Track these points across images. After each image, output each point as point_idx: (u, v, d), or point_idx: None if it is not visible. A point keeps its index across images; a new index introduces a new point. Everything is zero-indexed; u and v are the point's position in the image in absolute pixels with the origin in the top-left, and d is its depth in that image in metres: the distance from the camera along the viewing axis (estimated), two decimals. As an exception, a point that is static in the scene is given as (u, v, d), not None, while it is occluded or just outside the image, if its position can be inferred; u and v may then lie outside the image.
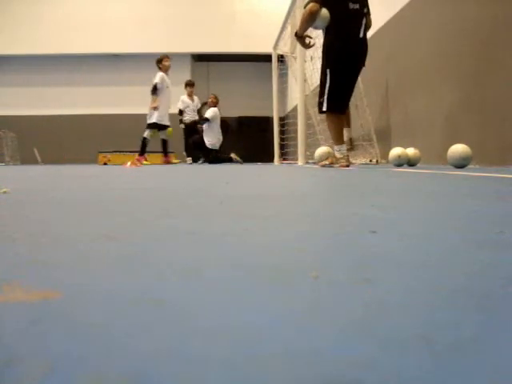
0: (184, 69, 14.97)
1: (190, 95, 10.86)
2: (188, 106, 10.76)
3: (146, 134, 9.48)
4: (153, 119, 9.41)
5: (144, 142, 9.44)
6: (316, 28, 5.16)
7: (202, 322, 0.32)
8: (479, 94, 4.68)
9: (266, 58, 12.15)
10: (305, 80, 7.91)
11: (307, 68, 8.08)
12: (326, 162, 5.38)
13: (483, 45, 4.57)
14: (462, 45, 4.99)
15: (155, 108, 9.33)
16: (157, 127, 9.46)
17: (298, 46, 7.89)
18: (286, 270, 0.47)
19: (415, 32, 6.19)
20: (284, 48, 10.48)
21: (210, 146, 10.38)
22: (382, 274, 0.45)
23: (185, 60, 14.99)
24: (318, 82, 5.44)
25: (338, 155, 5.20)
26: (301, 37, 5.18)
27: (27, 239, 0.69)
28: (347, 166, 5.08)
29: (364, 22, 5.07)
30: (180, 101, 10.75)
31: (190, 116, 10.76)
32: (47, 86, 15.00)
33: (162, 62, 9.79)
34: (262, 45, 12.85)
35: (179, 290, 0.40)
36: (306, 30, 5.11)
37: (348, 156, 5.21)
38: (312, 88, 8.49)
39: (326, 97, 5.10)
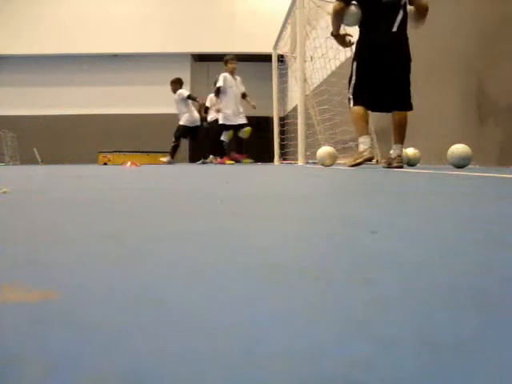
0: (184, 69, 14.98)
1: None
2: (215, 105, 10.55)
3: (224, 137, 9.62)
4: (220, 121, 9.49)
5: (222, 144, 9.55)
6: (348, 25, 5.05)
7: (202, 322, 0.32)
8: (479, 93, 4.68)
9: (266, 57, 12.15)
10: (305, 80, 7.91)
11: (307, 68, 8.09)
12: (352, 160, 5.16)
13: (483, 44, 4.57)
14: (462, 45, 4.98)
15: (218, 110, 9.39)
16: (226, 128, 9.52)
17: (298, 46, 7.89)
18: (286, 270, 0.47)
19: (415, 32, 6.19)
20: (284, 48, 10.49)
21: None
22: (382, 274, 0.45)
23: (185, 60, 15.00)
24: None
25: (361, 148, 4.94)
26: (336, 36, 5.09)
27: (27, 239, 0.69)
28: (370, 159, 4.89)
29: (401, 14, 4.83)
30: (208, 99, 10.63)
31: (213, 115, 10.60)
32: (47, 86, 15.00)
33: (227, 63, 9.84)
34: (262, 45, 12.86)
35: (179, 290, 0.40)
36: (337, 28, 5.00)
37: (371, 148, 4.95)
38: (312, 88, 8.50)
39: (351, 90, 4.96)
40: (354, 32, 5.29)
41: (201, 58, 15.32)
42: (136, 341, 0.29)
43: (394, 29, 4.86)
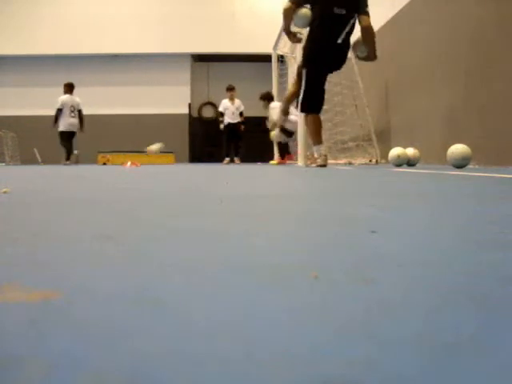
0: (184, 69, 14.97)
1: (232, 99, 11.37)
2: (227, 109, 11.28)
3: (282, 139, 10.00)
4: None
5: (280, 145, 9.85)
6: (297, 26, 5.17)
7: (201, 322, 0.32)
8: (479, 93, 4.68)
9: (266, 58, 12.14)
10: (305, 80, 7.90)
11: (307, 68, 8.07)
12: (308, 163, 5.49)
13: (483, 45, 4.57)
14: (462, 45, 4.99)
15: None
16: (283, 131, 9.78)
17: (298, 47, 7.89)
18: (286, 270, 0.47)
19: (415, 32, 6.20)
20: (284, 48, 10.48)
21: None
22: (382, 274, 0.45)
23: (185, 60, 14.98)
24: None
25: (315, 155, 5.24)
26: (288, 32, 5.24)
27: (27, 239, 0.69)
28: (324, 165, 5.06)
29: (348, 27, 4.98)
30: (221, 104, 11.40)
31: (228, 118, 11.28)
32: (47, 86, 14.98)
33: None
34: (262, 45, 12.84)
35: (179, 290, 0.40)
36: (287, 26, 5.14)
37: (326, 156, 5.19)
38: (312, 88, 8.48)
39: (301, 97, 5.14)
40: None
41: (201, 58, 15.30)
42: (136, 341, 0.29)
43: (340, 40, 5.00)
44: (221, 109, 11.52)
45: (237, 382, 0.23)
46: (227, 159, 11.55)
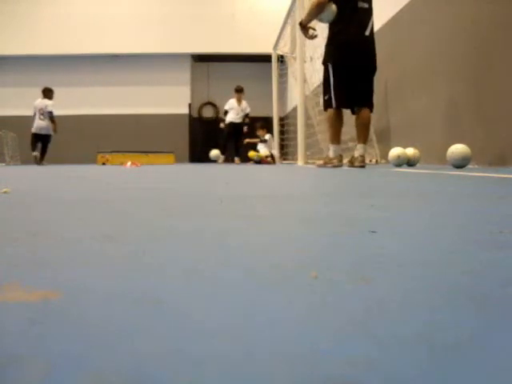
0: (184, 69, 14.97)
1: (239, 100, 11.34)
2: (233, 108, 11.30)
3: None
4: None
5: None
6: (321, 21, 5.10)
7: (201, 322, 0.32)
8: (479, 94, 4.68)
9: (266, 58, 12.14)
10: (305, 80, 7.91)
11: (307, 68, 8.08)
12: (321, 162, 5.39)
13: (483, 45, 4.57)
14: (462, 45, 4.99)
15: None
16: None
17: (298, 47, 7.89)
18: (285, 270, 0.47)
19: (415, 32, 6.20)
20: (284, 48, 10.49)
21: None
22: (382, 274, 0.45)
23: (185, 60, 14.98)
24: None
25: (330, 154, 5.16)
26: (304, 26, 5.15)
27: (27, 239, 0.69)
28: (340, 166, 5.02)
29: (371, 20, 5.02)
30: (228, 103, 11.45)
31: (231, 117, 11.25)
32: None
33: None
34: (262, 45, 12.84)
35: (179, 290, 0.40)
36: (311, 20, 5.07)
37: (341, 156, 5.14)
38: (312, 88, 8.49)
39: (332, 93, 5.03)
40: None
41: (201, 58, 15.30)
42: (136, 341, 0.29)
43: (367, 33, 5.02)
44: (226, 107, 11.50)
45: (237, 382, 0.23)
46: (222, 157, 11.59)
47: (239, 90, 11.45)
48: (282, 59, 11.05)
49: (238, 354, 0.27)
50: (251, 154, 10.64)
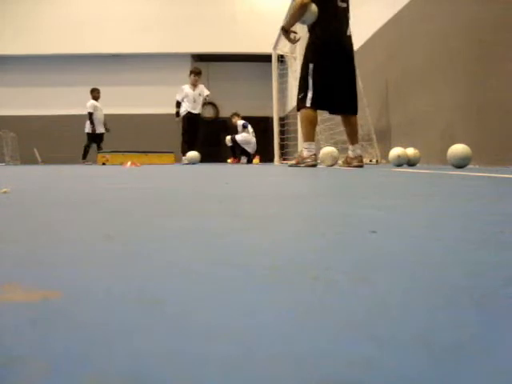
0: (184, 69, 14.97)
1: (194, 84, 10.05)
2: (187, 96, 9.97)
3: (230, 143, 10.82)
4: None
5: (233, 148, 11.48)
6: (304, 23, 5.07)
7: (201, 322, 0.32)
8: (479, 94, 4.68)
9: (266, 58, 12.15)
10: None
11: (307, 68, 8.06)
12: (293, 162, 5.37)
13: (483, 45, 4.57)
14: (462, 45, 4.98)
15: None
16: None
17: (298, 47, 7.89)
18: (285, 270, 0.47)
19: (415, 32, 6.20)
20: (284, 48, 10.48)
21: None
22: (382, 274, 0.45)
23: (185, 60, 14.99)
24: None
25: (304, 154, 5.09)
26: (287, 31, 5.10)
27: (27, 239, 0.69)
28: (314, 165, 4.99)
29: (350, 20, 5.02)
30: (180, 90, 10.17)
31: (188, 106, 9.97)
32: (47, 86, 15.00)
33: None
34: (262, 45, 12.85)
35: (179, 290, 0.40)
36: (293, 24, 5.04)
37: (315, 155, 5.09)
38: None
39: (311, 91, 4.98)
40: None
41: (201, 58, 15.31)
42: (136, 341, 0.29)
43: (348, 33, 5.00)
44: (178, 97, 10.07)
45: (237, 382, 0.23)
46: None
47: (197, 73, 9.97)
48: (282, 59, 11.05)
49: (237, 354, 0.27)
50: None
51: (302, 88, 5.08)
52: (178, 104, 10.10)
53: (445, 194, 1.56)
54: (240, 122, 12.02)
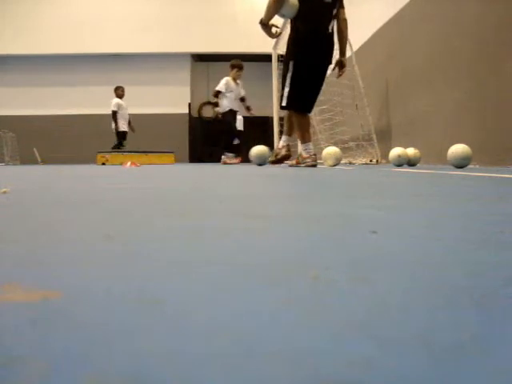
0: (184, 69, 14.98)
1: (236, 79, 9.42)
2: (232, 91, 9.33)
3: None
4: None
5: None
6: (283, 17, 4.91)
7: (201, 322, 0.32)
8: (479, 94, 4.68)
9: (266, 57, 12.14)
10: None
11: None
12: (293, 162, 5.32)
13: (483, 45, 4.57)
14: (463, 45, 4.98)
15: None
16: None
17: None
18: (285, 270, 0.47)
19: (415, 31, 6.19)
20: (284, 48, 10.48)
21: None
22: (381, 274, 0.45)
23: (185, 60, 14.98)
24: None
25: (304, 154, 5.05)
26: (265, 25, 4.86)
27: (27, 239, 0.69)
28: (314, 165, 4.94)
29: (334, 19, 4.81)
30: (225, 82, 9.44)
31: (230, 103, 9.44)
32: (47, 86, 14.99)
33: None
34: (262, 45, 12.83)
35: (179, 290, 0.40)
36: (271, 17, 4.81)
37: (315, 155, 5.02)
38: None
39: (287, 90, 4.87)
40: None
41: (201, 58, 15.31)
42: (136, 341, 0.29)
43: (330, 30, 4.80)
44: (223, 88, 9.27)
45: (237, 381, 0.23)
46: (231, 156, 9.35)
47: (242, 68, 9.26)
48: (282, 59, 11.04)
49: (237, 353, 0.27)
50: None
51: (282, 86, 4.97)
52: (217, 94, 9.32)
53: (445, 194, 1.56)
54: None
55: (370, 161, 6.87)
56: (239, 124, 10.38)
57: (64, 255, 0.57)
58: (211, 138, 14.11)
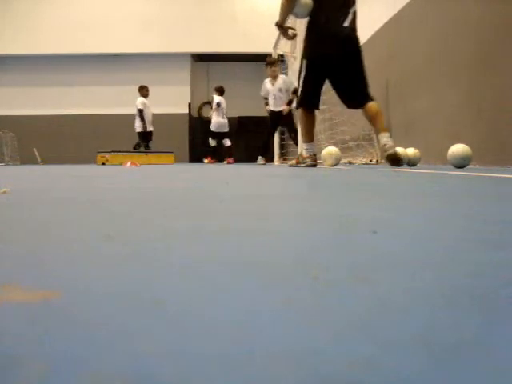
0: (184, 69, 14.97)
1: (274, 77, 8.81)
2: (269, 93, 8.85)
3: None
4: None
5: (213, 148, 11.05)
6: (296, 16, 4.85)
7: (201, 322, 0.32)
8: (479, 94, 4.67)
9: (266, 58, 12.14)
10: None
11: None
12: (293, 162, 5.31)
13: (483, 45, 4.57)
14: (462, 45, 4.98)
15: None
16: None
17: (298, 46, 7.88)
18: (286, 270, 0.47)
19: (415, 32, 6.19)
20: (284, 48, 10.48)
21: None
22: (382, 274, 0.45)
23: (185, 60, 14.99)
24: None
25: (304, 154, 5.02)
26: (281, 26, 4.82)
27: (27, 239, 0.69)
28: (314, 165, 4.92)
29: (352, 10, 4.66)
30: (264, 86, 9.07)
31: (270, 104, 8.89)
32: (47, 86, 14.99)
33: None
34: (262, 45, 12.84)
35: (179, 290, 0.40)
36: (285, 17, 4.75)
37: (315, 155, 4.97)
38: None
39: (300, 90, 4.82)
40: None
41: (201, 58, 15.31)
42: (136, 341, 0.29)
43: (346, 23, 4.63)
44: (263, 93, 8.94)
45: (237, 381, 0.23)
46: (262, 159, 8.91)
47: (270, 63, 8.69)
48: (282, 59, 11.04)
49: (237, 353, 0.27)
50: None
51: (298, 85, 4.94)
52: (265, 100, 8.97)
53: (445, 194, 1.56)
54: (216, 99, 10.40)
55: (370, 161, 6.87)
56: (224, 126, 11.08)
57: (64, 255, 0.57)
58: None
